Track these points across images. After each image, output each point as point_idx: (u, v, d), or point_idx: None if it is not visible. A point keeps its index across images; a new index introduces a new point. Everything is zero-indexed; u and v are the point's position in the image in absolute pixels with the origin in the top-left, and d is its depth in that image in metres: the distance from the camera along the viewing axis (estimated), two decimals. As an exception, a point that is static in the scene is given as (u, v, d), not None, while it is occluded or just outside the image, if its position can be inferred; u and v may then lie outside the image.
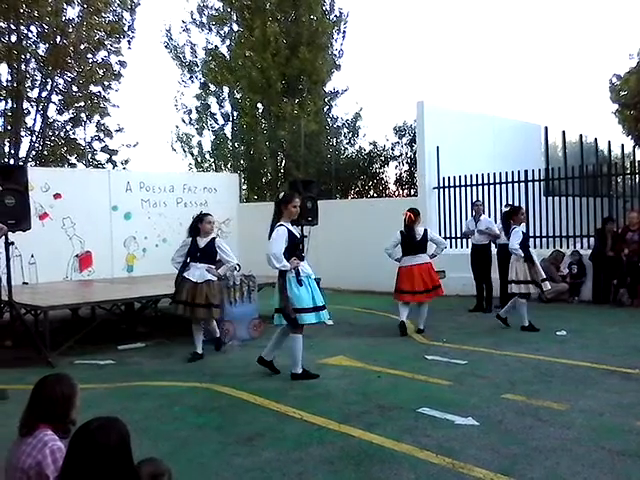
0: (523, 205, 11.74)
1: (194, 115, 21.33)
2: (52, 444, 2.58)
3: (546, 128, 13.90)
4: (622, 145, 15.39)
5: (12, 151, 19.15)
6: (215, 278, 7.14)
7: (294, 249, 5.96)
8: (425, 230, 8.36)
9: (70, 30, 19.17)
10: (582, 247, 11.48)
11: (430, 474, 3.71)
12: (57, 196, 12.69)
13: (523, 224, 8.52)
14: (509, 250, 8.38)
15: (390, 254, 8.44)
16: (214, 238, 7.24)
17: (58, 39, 19.00)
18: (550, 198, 12.06)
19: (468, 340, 7.67)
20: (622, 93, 22.86)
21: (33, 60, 19.19)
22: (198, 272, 7.10)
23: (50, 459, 2.54)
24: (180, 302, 7.12)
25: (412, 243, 8.22)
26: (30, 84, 19.30)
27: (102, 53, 20.33)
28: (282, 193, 6.25)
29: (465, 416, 4.70)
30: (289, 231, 5.89)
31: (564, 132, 14.32)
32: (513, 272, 8.31)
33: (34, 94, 19.49)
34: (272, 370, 6.19)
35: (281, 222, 5.94)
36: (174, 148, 21.66)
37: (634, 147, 17.80)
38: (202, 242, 7.17)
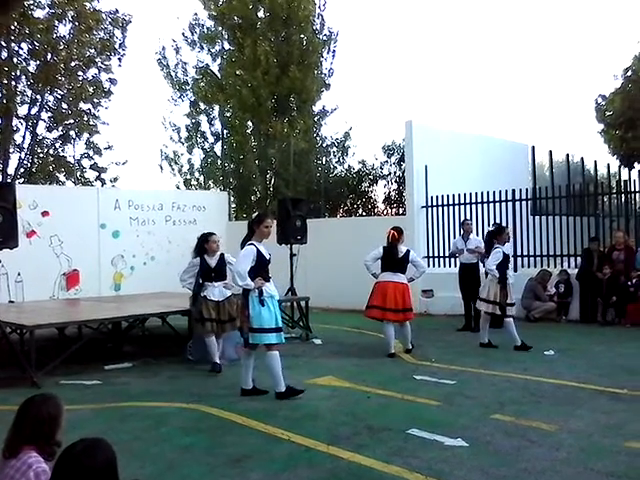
0: (510, 224, 11.85)
1: (184, 133, 21.40)
2: (37, 466, 2.54)
3: (533, 148, 14.02)
4: (608, 165, 15.54)
5: (0, 168, 19.07)
6: (231, 292, 7.44)
7: (260, 269, 5.97)
8: (407, 250, 8.25)
9: (61, 47, 19.24)
10: (569, 266, 11.56)
11: (419, 496, 3.69)
12: (45, 214, 12.64)
13: (508, 244, 8.55)
14: (485, 269, 8.48)
15: (368, 266, 8.29)
16: (222, 255, 7.51)
17: (49, 56, 19.05)
18: (537, 217, 12.16)
19: (456, 360, 7.67)
20: (607, 113, 23.16)
21: (23, 77, 19.21)
22: (217, 291, 7.42)
23: (34, 482, 2.50)
24: (209, 320, 7.37)
25: (393, 260, 8.13)
26: (20, 101, 19.29)
27: (92, 70, 20.42)
28: (255, 214, 6.39)
29: (454, 437, 4.68)
30: (258, 251, 5.94)
31: (551, 152, 14.44)
32: (485, 290, 8.42)
33: (23, 111, 19.51)
34: (259, 394, 6.12)
35: (252, 241, 6.01)
36: (161, 166, 21.70)
37: (620, 167, 17.97)
38: (212, 261, 7.43)
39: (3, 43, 18.53)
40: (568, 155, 14.42)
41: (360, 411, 5.51)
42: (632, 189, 11.55)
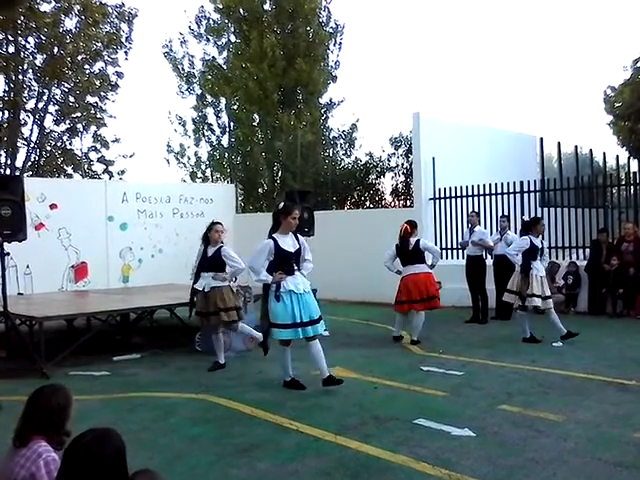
0: (519, 216, 11.80)
1: (190, 126, 21.40)
2: (46, 455, 2.56)
3: (541, 139, 13.95)
4: (617, 156, 15.44)
5: (8, 161, 19.16)
6: (222, 283, 7.08)
7: (281, 262, 5.82)
8: (417, 240, 8.34)
9: (68, 41, 19.26)
10: (578, 258, 11.51)
11: (426, 486, 3.70)
12: (53, 206, 12.69)
13: (541, 236, 8.44)
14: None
15: (389, 267, 8.52)
16: (221, 247, 7.18)
17: (55, 50, 19.08)
18: (546, 209, 12.10)
19: (464, 351, 7.67)
20: (617, 105, 23.00)
21: (30, 71, 19.25)
22: (205, 281, 7.12)
23: (44, 471, 2.52)
24: (197, 313, 7.21)
25: (406, 253, 8.30)
26: (27, 95, 19.35)
27: (99, 64, 20.45)
28: (281, 203, 6.17)
29: (461, 427, 4.68)
30: (275, 244, 5.81)
31: (559, 143, 14.37)
32: (510, 281, 8.38)
33: (31, 105, 19.55)
34: (297, 388, 6.02)
35: (274, 234, 5.91)
36: (168, 160, 21.72)
37: (629, 158, 17.86)
38: (210, 251, 7.18)
39: (10, 37, 18.57)
40: (577, 147, 14.34)
41: (367, 402, 5.52)
42: (641, 181, 11.47)
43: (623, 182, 12.22)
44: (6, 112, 19.03)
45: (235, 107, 20.95)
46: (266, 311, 5.91)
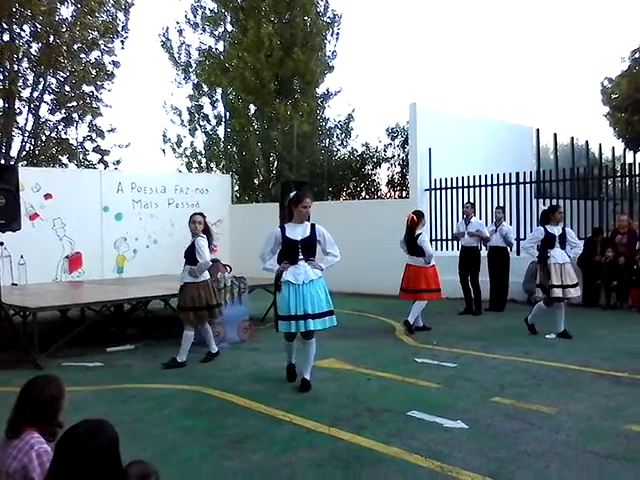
0: (514, 207, 11.82)
1: (186, 116, 21.33)
2: (39, 447, 2.56)
3: (537, 130, 13.94)
4: (613, 148, 15.44)
5: (3, 150, 19.04)
6: (194, 279, 6.81)
7: (286, 252, 5.73)
8: (418, 234, 8.38)
9: (63, 30, 19.08)
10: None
11: (419, 477, 3.72)
12: (48, 196, 12.65)
13: (561, 224, 8.27)
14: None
15: (403, 248, 8.67)
16: (197, 238, 6.89)
17: (51, 38, 18.91)
18: (541, 200, 12.10)
19: (458, 343, 7.69)
20: (613, 96, 23.00)
21: (26, 59, 19.10)
22: (181, 275, 6.97)
23: (36, 462, 2.52)
24: (178, 308, 7.11)
25: (410, 243, 8.42)
26: (22, 83, 19.20)
27: (95, 53, 20.26)
28: (293, 193, 6.08)
29: (454, 419, 4.70)
30: (282, 233, 5.75)
31: (555, 134, 14.37)
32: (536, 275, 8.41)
33: (26, 93, 19.41)
34: (289, 376, 6.05)
35: (285, 223, 5.90)
36: (164, 150, 21.66)
37: (625, 150, 17.88)
38: (190, 243, 6.98)
39: (5, 25, 18.40)
40: (573, 138, 14.34)
41: (361, 393, 5.54)
42: (637, 172, 11.49)
43: (619, 174, 12.24)
44: (1, 101, 18.90)
45: (231, 97, 20.86)
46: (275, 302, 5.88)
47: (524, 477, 3.69)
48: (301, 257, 5.72)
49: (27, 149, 19.88)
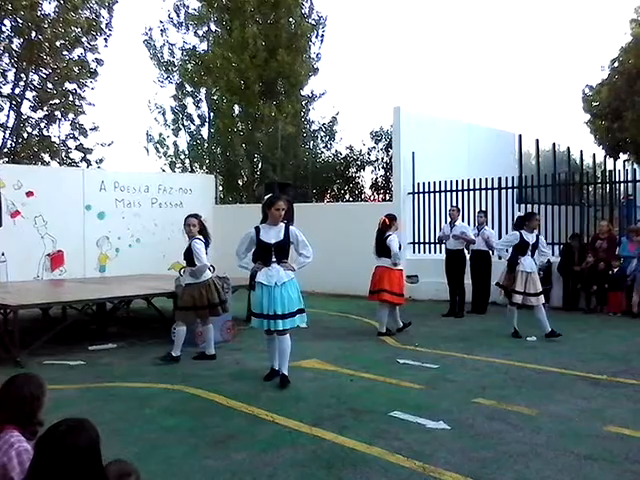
0: (496, 212, 11.91)
1: (169, 116, 21.20)
2: (18, 445, 2.53)
3: (520, 136, 14.08)
4: (594, 155, 15.67)
5: (-16, 147, 18.81)
6: (196, 280, 7.01)
7: (260, 253, 5.96)
8: (387, 235, 8.42)
9: (46, 26, 18.88)
10: (553, 254, 11.63)
11: (401, 478, 3.73)
12: (29, 194, 12.51)
13: (536, 231, 8.42)
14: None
15: (373, 252, 8.63)
16: (193, 240, 7.06)
17: (33, 34, 18.71)
18: (523, 205, 12.21)
19: (440, 344, 7.73)
20: (594, 104, 23.24)
21: (7, 55, 18.87)
22: (184, 276, 7.25)
23: (16, 461, 2.49)
24: (178, 308, 7.34)
25: (377, 246, 8.48)
26: (3, 79, 18.98)
27: (78, 50, 20.05)
28: (268, 196, 6.32)
29: (436, 420, 4.73)
30: (257, 234, 5.96)
31: (537, 140, 14.52)
32: (500, 275, 8.50)
33: (7, 90, 19.18)
34: (268, 378, 6.10)
35: (260, 225, 6.03)
36: (147, 148, 21.51)
37: (605, 157, 18.11)
38: (186, 245, 7.18)
39: (-15, 19, 18.19)
40: (554, 144, 14.49)
41: (344, 394, 5.55)
42: (617, 179, 11.65)
43: (599, 180, 12.38)
44: (-19, 97, 18.68)
45: (215, 97, 20.79)
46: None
47: (505, 477, 3.72)
48: (274, 260, 5.95)
49: (8, 146, 19.64)
